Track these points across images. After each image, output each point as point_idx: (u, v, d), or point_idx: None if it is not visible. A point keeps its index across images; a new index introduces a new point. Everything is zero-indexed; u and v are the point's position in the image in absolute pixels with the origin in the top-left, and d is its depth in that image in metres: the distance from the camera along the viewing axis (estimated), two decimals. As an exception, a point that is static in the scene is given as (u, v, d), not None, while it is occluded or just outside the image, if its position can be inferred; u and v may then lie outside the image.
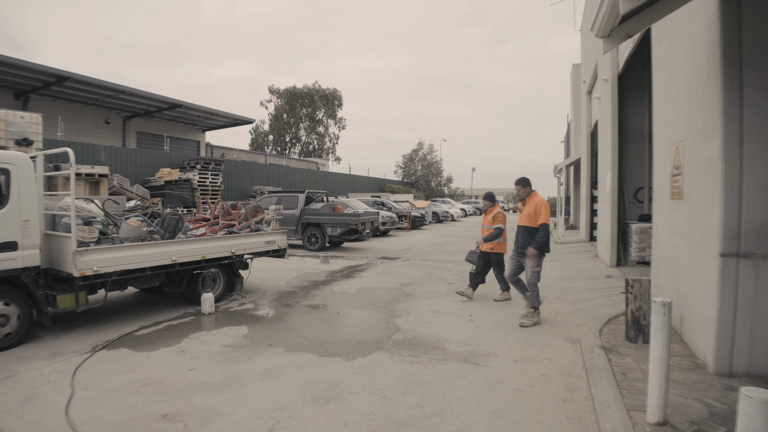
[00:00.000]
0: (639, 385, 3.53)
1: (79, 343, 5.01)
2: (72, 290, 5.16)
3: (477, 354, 4.63)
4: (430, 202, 31.28)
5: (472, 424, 3.24)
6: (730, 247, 3.58)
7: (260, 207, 12.24)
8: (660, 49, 5.66)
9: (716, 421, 2.94)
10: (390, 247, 14.65)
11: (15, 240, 4.87)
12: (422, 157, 48.30)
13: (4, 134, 10.23)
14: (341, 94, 46.03)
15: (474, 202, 45.89)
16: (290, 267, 10.24)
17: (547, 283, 8.27)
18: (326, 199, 15.18)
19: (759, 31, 3.52)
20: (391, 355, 4.63)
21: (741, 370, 3.62)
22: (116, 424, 3.25)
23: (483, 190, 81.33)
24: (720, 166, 3.61)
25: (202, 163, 17.99)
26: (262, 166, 24.93)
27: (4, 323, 4.76)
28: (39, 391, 3.77)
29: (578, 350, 4.70)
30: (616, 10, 3.46)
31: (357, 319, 6.03)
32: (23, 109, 16.02)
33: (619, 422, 2.97)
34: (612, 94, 9.92)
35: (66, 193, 6.11)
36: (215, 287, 6.96)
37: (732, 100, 3.55)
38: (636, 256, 9.14)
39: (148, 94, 19.80)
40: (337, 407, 3.49)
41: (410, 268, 10.36)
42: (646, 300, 4.50)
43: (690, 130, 4.37)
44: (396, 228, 20.36)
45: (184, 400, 3.62)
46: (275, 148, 45.11)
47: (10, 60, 14.81)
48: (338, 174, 34.22)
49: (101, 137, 19.95)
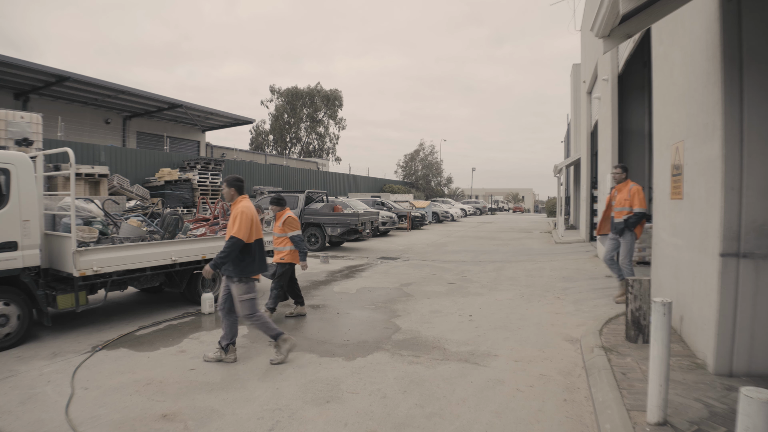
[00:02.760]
0: (639, 385, 3.52)
1: (79, 343, 5.01)
2: (72, 290, 5.16)
3: (477, 354, 4.63)
4: (430, 202, 31.27)
5: (472, 424, 3.24)
6: (730, 247, 3.58)
7: (260, 207, 12.25)
8: (660, 49, 5.66)
9: (716, 421, 2.94)
10: (390, 247, 14.65)
11: (15, 240, 4.87)
12: (423, 157, 48.33)
13: (4, 134, 10.23)
14: (342, 95, 46.13)
15: (474, 202, 45.91)
16: (290, 267, 10.23)
17: (547, 283, 8.27)
18: (326, 199, 15.18)
19: (759, 31, 3.52)
20: (391, 355, 4.63)
21: (741, 370, 3.62)
22: (116, 424, 3.25)
23: (483, 190, 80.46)
24: (720, 166, 3.61)
25: (202, 163, 17.99)
26: (262, 166, 24.94)
27: (4, 323, 4.76)
28: (39, 391, 3.77)
29: (578, 350, 4.70)
30: (616, 10, 3.46)
31: (357, 319, 6.03)
32: (23, 109, 16.01)
33: (619, 422, 2.97)
34: (612, 94, 9.93)
35: (66, 193, 6.11)
36: (215, 287, 6.97)
37: (732, 100, 3.55)
38: (636, 256, 9.12)
39: (148, 94, 19.80)
40: (337, 407, 3.49)
41: (410, 268, 10.36)
42: (646, 300, 4.50)
43: (690, 130, 4.37)
44: (396, 228, 20.36)
45: (184, 400, 3.62)
46: (275, 148, 45.12)
47: (11, 60, 14.81)
48: (338, 174, 34.22)
49: (101, 137, 19.95)
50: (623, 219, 6.23)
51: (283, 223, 5.92)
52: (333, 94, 45.63)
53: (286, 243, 5.97)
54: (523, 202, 77.92)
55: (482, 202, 49.78)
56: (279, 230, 5.97)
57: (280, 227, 5.95)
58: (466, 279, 8.88)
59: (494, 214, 47.73)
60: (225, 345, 4.48)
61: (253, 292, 4.43)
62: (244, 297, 4.35)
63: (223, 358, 4.45)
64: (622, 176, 6.43)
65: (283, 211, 5.99)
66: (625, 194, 6.25)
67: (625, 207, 6.24)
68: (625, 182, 6.39)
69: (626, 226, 6.20)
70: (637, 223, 6.17)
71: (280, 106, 45.11)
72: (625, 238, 6.27)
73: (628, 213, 6.20)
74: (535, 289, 7.78)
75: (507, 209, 63.14)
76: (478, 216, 39.91)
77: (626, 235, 6.25)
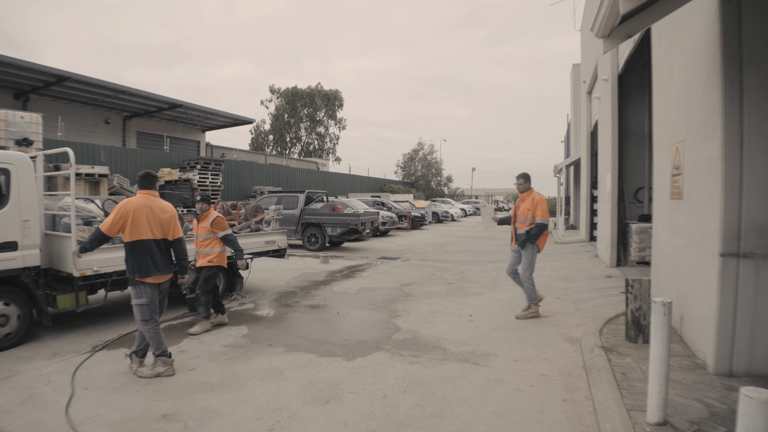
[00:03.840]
0: (639, 385, 3.53)
1: (79, 343, 5.01)
2: (72, 290, 5.16)
3: (477, 354, 4.63)
4: (430, 202, 31.29)
5: (472, 424, 3.24)
6: (730, 247, 3.58)
7: (260, 207, 12.27)
8: (660, 49, 5.66)
9: (716, 421, 2.94)
10: (390, 247, 14.65)
11: (15, 240, 4.87)
12: (422, 157, 48.34)
13: (4, 134, 10.23)
14: (342, 95, 46.15)
15: (474, 202, 45.91)
16: (290, 267, 10.24)
17: (547, 283, 8.27)
18: (326, 199, 15.18)
19: (759, 31, 3.52)
20: (391, 355, 4.63)
21: (741, 370, 3.62)
22: (116, 424, 3.25)
23: (483, 190, 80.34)
24: (720, 166, 3.61)
25: (202, 163, 17.99)
26: (262, 166, 24.94)
27: (4, 323, 4.76)
28: (39, 391, 3.77)
29: (578, 350, 4.70)
30: (616, 10, 3.46)
31: (357, 319, 6.03)
32: (23, 109, 16.03)
33: (619, 422, 2.97)
34: (612, 94, 9.92)
35: (66, 193, 6.10)
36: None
37: (732, 100, 3.55)
38: (636, 256, 9.14)
39: (148, 94, 19.80)
40: (337, 407, 3.49)
41: (410, 268, 10.36)
42: (646, 300, 4.50)
43: (690, 130, 4.37)
44: (396, 228, 20.37)
45: (184, 400, 3.62)
46: (276, 148, 45.13)
47: (11, 60, 14.81)
48: (338, 174, 34.22)
49: (101, 137, 19.95)
50: (525, 231, 5.81)
51: (211, 223, 5.57)
52: (333, 94, 45.64)
53: (214, 245, 5.61)
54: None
55: (482, 202, 49.77)
56: (206, 231, 5.57)
57: (208, 228, 5.56)
58: (466, 279, 8.88)
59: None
60: (130, 353, 4.24)
61: (143, 298, 4.09)
62: (134, 301, 4.13)
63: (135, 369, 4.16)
64: (526, 186, 6.01)
65: (209, 211, 5.68)
66: (529, 204, 5.85)
67: (527, 217, 5.82)
68: (528, 191, 5.97)
69: (528, 238, 5.77)
70: (539, 234, 5.76)
71: (280, 106, 45.12)
72: (527, 250, 5.83)
73: (530, 224, 5.79)
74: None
75: (507, 209, 63.11)
76: (478, 216, 39.91)
77: (528, 247, 5.82)
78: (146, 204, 4.14)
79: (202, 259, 5.60)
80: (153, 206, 4.18)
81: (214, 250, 5.62)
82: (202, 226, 5.63)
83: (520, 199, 6.06)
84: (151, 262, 4.11)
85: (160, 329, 4.24)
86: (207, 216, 5.64)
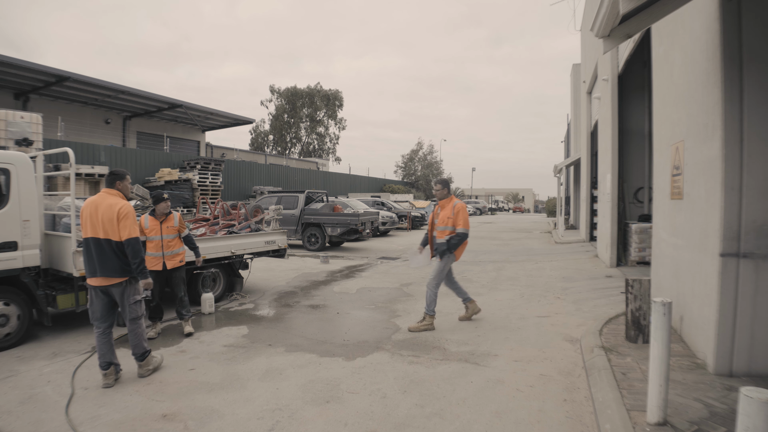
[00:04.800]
0: (639, 385, 3.53)
1: (79, 343, 5.01)
2: (72, 290, 5.16)
3: (477, 354, 4.63)
4: (430, 202, 31.26)
5: (472, 424, 3.24)
6: (730, 247, 3.58)
7: (260, 207, 12.26)
8: (660, 49, 5.66)
9: (716, 421, 2.94)
10: (390, 247, 14.64)
11: (15, 240, 4.87)
12: (422, 157, 48.34)
13: (4, 134, 10.22)
14: (342, 95, 46.12)
15: (474, 202, 45.94)
16: (290, 267, 10.24)
17: (547, 283, 8.27)
18: (326, 199, 15.18)
19: (759, 31, 3.52)
20: (391, 355, 4.63)
21: (741, 370, 3.62)
22: (116, 424, 3.25)
23: (483, 190, 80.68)
24: (720, 166, 3.61)
25: (202, 163, 17.99)
26: (262, 166, 24.94)
27: (4, 323, 4.76)
28: (39, 391, 3.77)
29: (578, 350, 4.70)
30: (616, 10, 3.46)
31: (357, 319, 6.03)
32: (23, 109, 16.02)
33: (619, 422, 2.97)
34: (612, 94, 9.93)
35: (66, 193, 6.10)
36: (215, 287, 6.97)
37: (732, 100, 3.55)
38: (636, 256, 9.14)
39: (148, 94, 19.80)
40: (337, 407, 3.49)
41: (410, 268, 10.35)
42: (646, 300, 4.50)
43: (690, 130, 4.37)
44: (396, 228, 20.37)
45: (184, 400, 3.62)
46: (275, 148, 45.12)
47: (11, 60, 14.81)
48: (338, 174, 34.22)
49: (101, 137, 19.95)
50: (445, 239, 5.49)
51: (179, 221, 5.46)
52: (333, 94, 45.62)
53: (180, 243, 5.50)
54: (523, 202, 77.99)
55: (482, 202, 49.82)
56: (173, 230, 5.40)
57: (176, 227, 5.42)
58: (466, 279, 8.88)
59: (494, 214, 47.74)
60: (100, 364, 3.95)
61: (88, 301, 3.99)
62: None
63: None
64: (444, 192, 5.70)
65: (170, 214, 5.49)
66: (449, 212, 5.52)
67: (447, 226, 5.50)
68: (448, 198, 5.66)
69: (448, 248, 5.46)
70: (459, 244, 5.50)
71: (279, 106, 45.10)
72: (443, 259, 5.54)
73: (451, 233, 5.49)
74: (535, 289, 7.78)
75: (507, 209, 63.18)
76: (478, 216, 39.91)
77: (445, 256, 5.52)
78: (93, 201, 3.92)
79: (172, 260, 5.39)
80: (99, 204, 3.87)
81: (182, 249, 5.52)
82: (169, 226, 5.38)
83: (440, 206, 5.73)
84: (88, 262, 3.88)
85: (107, 338, 3.91)
86: (172, 216, 5.46)
